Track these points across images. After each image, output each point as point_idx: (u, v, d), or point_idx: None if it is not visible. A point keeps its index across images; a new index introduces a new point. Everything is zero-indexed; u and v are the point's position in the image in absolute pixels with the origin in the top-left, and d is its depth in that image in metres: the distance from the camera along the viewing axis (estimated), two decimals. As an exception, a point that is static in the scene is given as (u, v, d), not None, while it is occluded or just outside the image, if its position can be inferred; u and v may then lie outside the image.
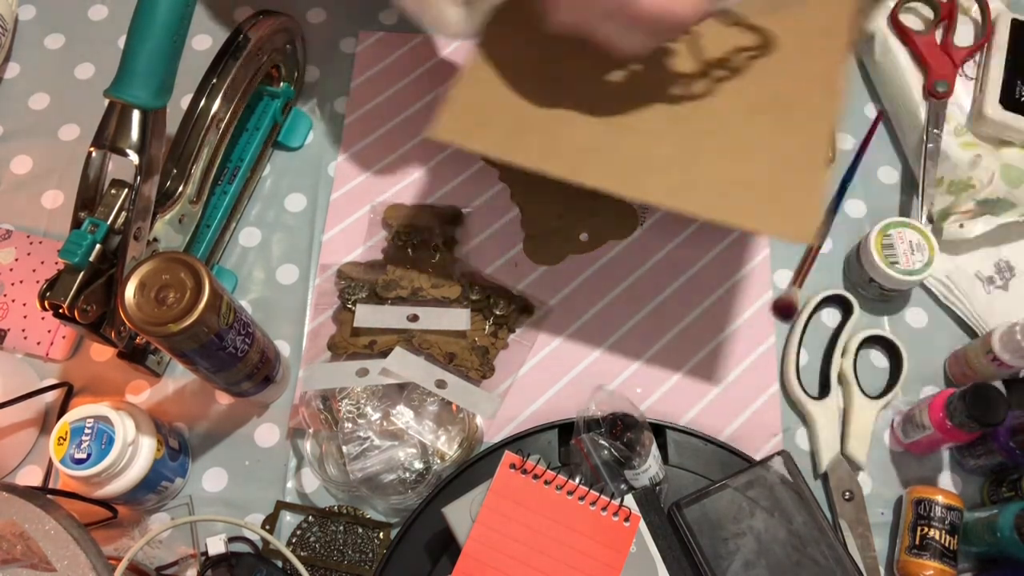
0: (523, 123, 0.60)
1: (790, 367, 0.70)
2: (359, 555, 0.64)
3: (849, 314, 0.72)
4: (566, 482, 0.57)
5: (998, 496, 0.65)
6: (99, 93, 0.56)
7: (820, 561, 0.59)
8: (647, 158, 0.60)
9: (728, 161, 0.59)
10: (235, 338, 0.56)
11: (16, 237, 0.74)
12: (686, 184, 0.58)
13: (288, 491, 0.66)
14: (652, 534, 0.58)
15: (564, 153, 0.59)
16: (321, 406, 0.65)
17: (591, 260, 0.74)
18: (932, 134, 0.74)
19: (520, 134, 0.60)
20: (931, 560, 0.61)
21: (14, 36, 0.84)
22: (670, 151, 0.60)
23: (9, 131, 0.80)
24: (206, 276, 0.52)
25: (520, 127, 0.60)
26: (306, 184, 0.77)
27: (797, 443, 0.68)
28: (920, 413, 0.65)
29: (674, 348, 0.71)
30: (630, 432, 0.60)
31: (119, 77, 0.55)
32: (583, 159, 0.59)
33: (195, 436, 0.68)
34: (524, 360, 0.70)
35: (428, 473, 0.64)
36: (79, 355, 0.71)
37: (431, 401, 0.66)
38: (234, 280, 0.73)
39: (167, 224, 0.64)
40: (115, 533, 0.63)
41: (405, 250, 0.72)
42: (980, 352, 0.66)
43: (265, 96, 0.76)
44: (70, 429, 0.58)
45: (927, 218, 0.73)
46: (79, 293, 0.56)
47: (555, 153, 0.59)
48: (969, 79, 0.77)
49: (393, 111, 0.80)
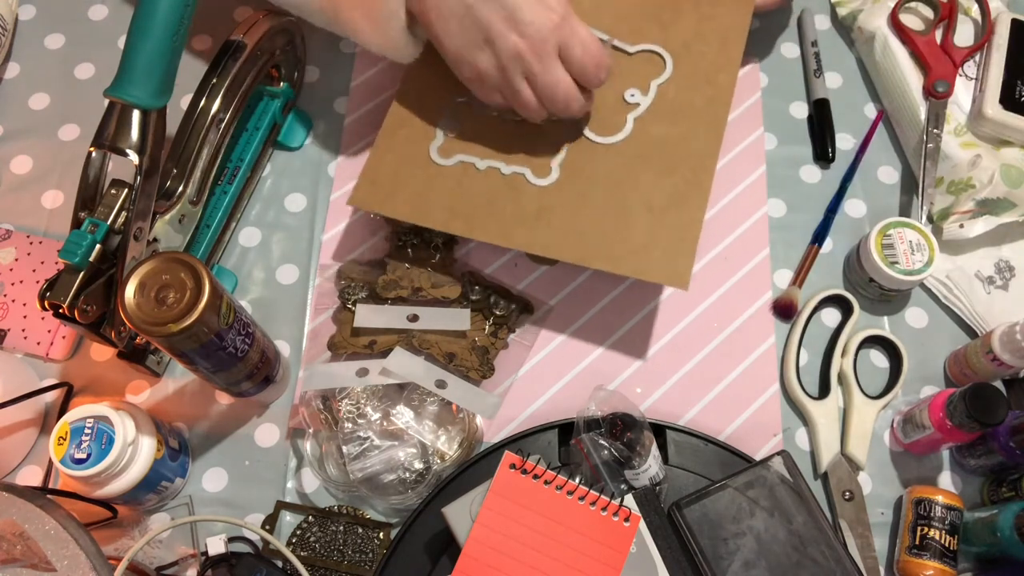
0: (430, 184, 0.66)
1: (790, 367, 0.70)
2: (359, 555, 0.64)
3: (849, 314, 0.72)
4: (566, 482, 0.57)
5: (998, 496, 0.65)
6: (99, 93, 0.56)
7: (820, 561, 0.59)
8: (540, 212, 0.65)
9: (610, 211, 0.64)
10: (235, 338, 0.56)
11: (16, 237, 0.74)
12: (571, 235, 0.64)
13: (288, 491, 0.66)
14: (652, 534, 0.58)
15: (465, 212, 0.65)
16: (321, 406, 0.65)
17: (591, 260, 0.74)
18: (932, 134, 0.74)
19: (426, 196, 0.66)
20: (931, 560, 0.61)
21: (14, 36, 0.84)
22: (561, 203, 0.65)
23: (9, 131, 0.80)
24: (206, 276, 0.52)
25: (427, 189, 0.66)
26: (306, 184, 0.77)
27: (797, 443, 0.68)
28: (920, 413, 0.65)
29: (674, 348, 0.71)
30: (630, 432, 0.60)
31: (119, 77, 0.55)
32: (481, 216, 0.65)
33: (195, 436, 0.68)
34: (524, 360, 0.70)
35: (428, 473, 0.64)
36: (79, 355, 0.71)
37: (431, 401, 0.66)
38: (234, 280, 0.73)
39: (167, 224, 0.64)
40: (115, 533, 0.63)
41: (405, 250, 0.72)
42: (980, 352, 0.66)
43: (265, 96, 0.76)
44: (70, 429, 0.58)
45: (927, 218, 0.73)
46: (79, 293, 0.56)
47: (457, 212, 0.65)
48: (969, 79, 0.78)
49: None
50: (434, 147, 0.68)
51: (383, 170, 0.67)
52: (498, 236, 0.64)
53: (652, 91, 0.69)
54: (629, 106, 0.68)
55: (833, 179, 0.78)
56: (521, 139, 0.67)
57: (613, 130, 0.68)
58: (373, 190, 0.66)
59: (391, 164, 0.67)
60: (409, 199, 0.66)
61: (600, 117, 0.68)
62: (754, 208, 0.77)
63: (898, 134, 0.80)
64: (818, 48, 0.83)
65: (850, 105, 0.82)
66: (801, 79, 0.83)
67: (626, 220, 0.64)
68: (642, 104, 0.68)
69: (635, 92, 0.69)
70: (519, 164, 0.67)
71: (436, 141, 0.68)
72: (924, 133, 0.75)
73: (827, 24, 0.86)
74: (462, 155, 0.67)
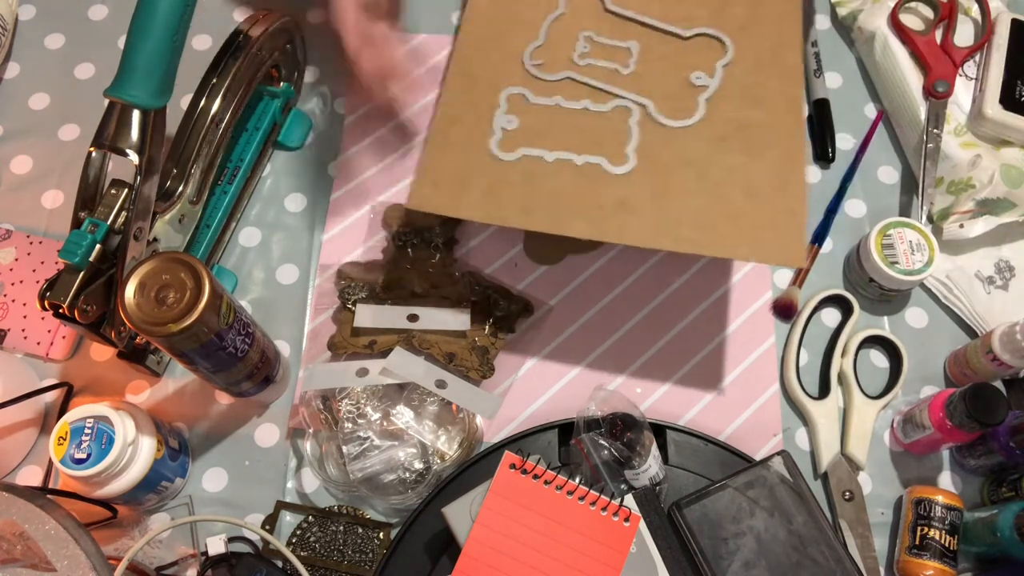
0: (497, 181, 0.62)
1: (790, 367, 0.70)
2: (359, 555, 0.64)
3: (849, 314, 0.72)
4: (566, 482, 0.57)
5: (998, 496, 0.65)
6: (99, 93, 0.56)
7: (820, 561, 0.59)
8: (623, 201, 0.61)
9: (704, 195, 0.61)
10: (235, 338, 0.56)
11: (16, 237, 0.74)
12: (667, 223, 0.60)
13: (288, 491, 0.66)
14: (652, 534, 0.58)
15: (543, 207, 0.61)
16: (321, 406, 0.65)
17: (591, 260, 0.74)
18: (932, 134, 0.74)
19: (497, 194, 0.61)
20: (931, 560, 0.61)
21: (14, 36, 0.84)
22: (645, 191, 0.62)
23: (9, 131, 0.80)
24: (206, 276, 0.52)
25: (495, 186, 0.62)
26: (306, 184, 0.77)
27: (797, 443, 0.68)
28: (920, 413, 0.65)
29: (674, 348, 0.71)
30: (630, 432, 0.60)
31: (119, 77, 0.55)
32: (562, 210, 0.61)
33: (195, 436, 0.68)
34: (524, 360, 0.70)
35: (428, 473, 0.64)
36: (79, 355, 0.71)
37: (431, 401, 0.66)
38: (234, 280, 0.73)
39: (167, 224, 0.64)
40: (115, 533, 0.63)
41: (405, 250, 0.72)
42: (980, 352, 0.66)
43: (265, 96, 0.76)
44: (70, 429, 0.58)
45: (927, 218, 0.73)
46: (79, 293, 0.56)
47: (534, 208, 0.61)
48: (969, 79, 0.77)
49: (393, 111, 0.80)
50: (494, 142, 0.64)
51: (445, 168, 0.63)
52: (587, 230, 0.60)
53: (719, 73, 0.67)
54: (697, 88, 0.66)
55: (833, 179, 0.78)
56: (587, 128, 0.65)
57: (685, 114, 0.65)
58: (435, 192, 0.62)
59: (452, 162, 0.63)
60: (478, 199, 0.61)
61: (668, 100, 0.66)
62: (754, 208, 0.76)
63: (898, 134, 0.80)
64: (818, 48, 0.83)
65: (850, 105, 0.82)
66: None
67: (724, 205, 0.61)
68: (710, 86, 0.66)
69: (701, 75, 0.67)
70: (592, 153, 0.63)
71: (495, 136, 0.65)
72: (924, 133, 0.75)
73: (827, 24, 0.86)
74: (526, 148, 0.64)
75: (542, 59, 0.68)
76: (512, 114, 0.66)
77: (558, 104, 0.66)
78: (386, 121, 0.79)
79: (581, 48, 0.69)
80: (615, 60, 0.68)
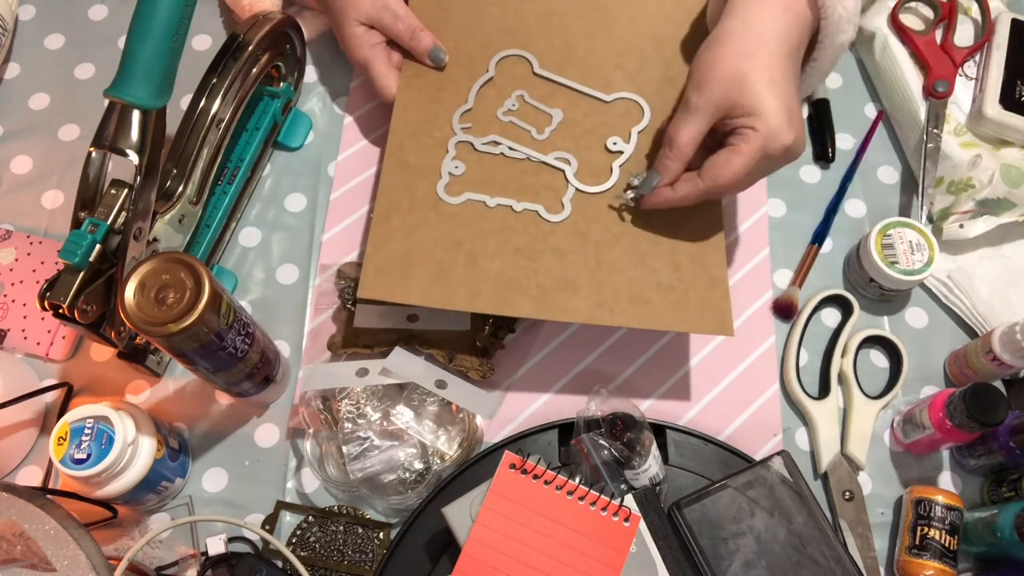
0: (442, 267, 0.63)
1: (790, 367, 0.70)
2: (359, 555, 0.64)
3: (849, 314, 0.72)
4: (566, 482, 0.57)
5: (998, 496, 0.65)
6: (99, 93, 0.56)
7: (820, 561, 0.59)
8: (564, 280, 0.63)
9: (636, 268, 0.63)
10: (235, 338, 0.56)
11: (16, 237, 0.74)
12: (606, 298, 0.62)
13: (288, 491, 0.66)
14: (652, 534, 0.58)
15: (487, 289, 0.62)
16: (321, 406, 0.65)
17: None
18: (932, 134, 0.74)
19: (442, 279, 0.63)
20: (931, 560, 0.61)
21: (14, 36, 0.84)
22: (583, 266, 0.64)
23: (9, 131, 0.80)
24: (206, 276, 0.52)
25: (440, 271, 0.63)
26: (306, 184, 0.77)
27: (797, 443, 0.68)
28: (920, 413, 0.65)
29: (674, 348, 0.71)
30: (630, 432, 0.60)
31: (119, 77, 0.55)
32: (506, 292, 0.62)
33: (195, 436, 0.68)
34: (524, 360, 0.70)
35: (428, 473, 0.64)
36: (79, 355, 0.71)
37: (431, 401, 0.66)
38: (234, 280, 0.73)
39: (167, 224, 0.64)
40: (115, 533, 0.63)
41: (405, 250, 0.72)
42: (980, 352, 0.66)
43: (265, 96, 0.76)
44: (70, 429, 0.58)
45: (927, 218, 0.73)
46: (79, 293, 0.56)
47: (480, 291, 0.62)
48: (969, 79, 0.77)
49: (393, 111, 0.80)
50: (440, 186, 0.66)
51: (389, 257, 0.63)
52: (532, 309, 0.61)
53: (633, 139, 0.69)
54: (613, 154, 0.68)
55: (833, 179, 0.78)
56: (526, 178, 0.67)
57: (600, 179, 0.67)
58: (381, 279, 0.62)
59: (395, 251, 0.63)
60: (425, 284, 0.62)
61: (586, 165, 0.68)
62: (754, 208, 0.77)
63: (898, 134, 0.80)
64: (818, 48, 0.83)
65: (850, 105, 0.82)
66: (801, 79, 0.83)
67: (653, 276, 0.63)
68: (625, 152, 0.68)
69: (617, 140, 0.68)
70: (530, 201, 0.66)
71: (442, 180, 0.67)
72: (924, 133, 0.75)
73: (827, 24, 0.86)
74: (471, 193, 0.66)
75: (470, 122, 0.70)
76: (459, 160, 0.68)
77: (503, 153, 0.68)
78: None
79: (509, 105, 0.70)
80: (535, 124, 0.70)
